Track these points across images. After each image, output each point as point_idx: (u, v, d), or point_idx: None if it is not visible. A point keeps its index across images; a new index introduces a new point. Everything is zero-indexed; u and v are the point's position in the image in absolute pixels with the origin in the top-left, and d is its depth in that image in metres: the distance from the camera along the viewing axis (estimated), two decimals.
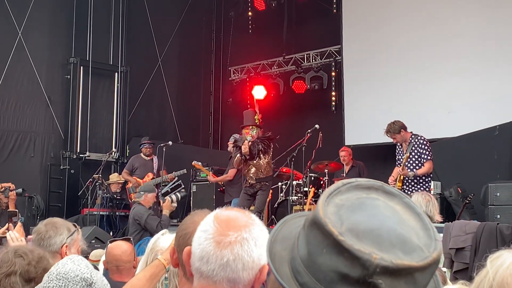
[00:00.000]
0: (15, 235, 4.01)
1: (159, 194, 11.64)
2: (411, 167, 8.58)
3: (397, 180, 8.55)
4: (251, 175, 9.77)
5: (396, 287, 1.08)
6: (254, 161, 9.66)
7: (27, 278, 2.75)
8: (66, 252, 3.45)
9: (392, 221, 1.13)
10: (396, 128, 8.64)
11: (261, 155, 9.66)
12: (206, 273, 1.57)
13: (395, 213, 1.15)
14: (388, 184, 7.96)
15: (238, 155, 9.87)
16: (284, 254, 1.22)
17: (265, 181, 9.75)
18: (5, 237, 4.09)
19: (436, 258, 1.12)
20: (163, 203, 8.77)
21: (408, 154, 8.56)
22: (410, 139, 8.67)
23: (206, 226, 1.61)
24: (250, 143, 9.65)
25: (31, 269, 2.78)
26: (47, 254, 2.94)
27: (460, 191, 9.08)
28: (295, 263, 1.17)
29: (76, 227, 3.68)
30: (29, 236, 4.32)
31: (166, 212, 8.74)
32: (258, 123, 9.87)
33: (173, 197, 7.61)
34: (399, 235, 1.11)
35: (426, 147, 8.58)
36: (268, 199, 10.89)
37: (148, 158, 12.10)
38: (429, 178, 8.73)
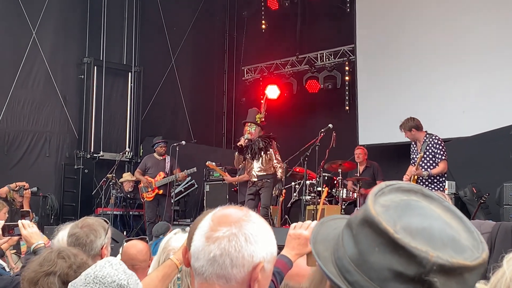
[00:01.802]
0: (27, 222, 4.01)
1: (173, 194, 11.68)
2: (425, 166, 8.51)
3: (411, 179, 8.49)
4: (253, 173, 9.82)
5: (448, 286, 1.09)
6: (255, 160, 9.75)
7: (65, 280, 2.75)
8: (105, 253, 3.46)
9: (440, 222, 1.14)
10: (408, 125, 8.58)
11: (262, 153, 9.73)
12: (198, 270, 1.55)
13: (439, 215, 1.16)
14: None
15: (236, 153, 10.00)
16: (326, 255, 1.23)
17: (267, 178, 9.78)
18: (17, 225, 4.09)
19: (485, 259, 1.13)
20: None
21: (422, 154, 8.50)
22: (425, 138, 8.59)
23: (203, 223, 1.60)
24: (246, 140, 9.78)
25: (71, 273, 2.78)
26: (90, 261, 2.95)
27: (475, 191, 9.04)
28: (342, 262, 1.17)
29: (107, 223, 3.69)
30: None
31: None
32: (259, 122, 9.91)
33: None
34: (449, 235, 1.12)
35: (440, 147, 8.50)
36: (281, 199, 10.90)
37: (161, 157, 12.09)
38: (444, 178, 8.65)
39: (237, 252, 1.52)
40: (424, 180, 8.56)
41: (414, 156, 8.73)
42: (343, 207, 10.46)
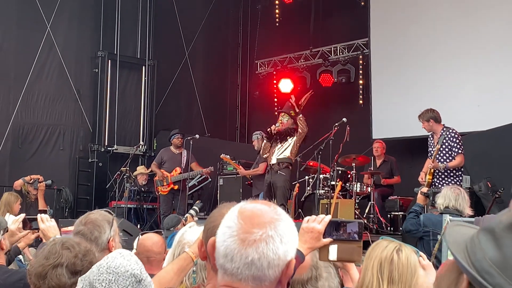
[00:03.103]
0: (45, 216, 4.03)
1: (187, 186, 11.72)
2: (442, 160, 8.50)
3: (427, 173, 8.45)
4: (273, 156, 9.89)
5: None
6: (279, 144, 9.92)
7: (73, 270, 2.78)
8: (112, 245, 3.47)
9: None
10: (427, 116, 8.59)
11: (288, 138, 9.90)
12: (230, 271, 1.55)
13: None
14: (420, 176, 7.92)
15: (265, 140, 10.10)
16: (461, 256, 1.25)
17: (284, 161, 9.83)
18: (36, 219, 4.11)
19: None
20: (185, 221, 8.66)
21: (439, 147, 8.48)
22: (442, 131, 8.58)
23: (230, 222, 1.59)
24: (277, 128, 9.99)
25: (78, 262, 2.81)
26: (94, 248, 2.97)
27: (490, 185, 8.98)
28: (482, 265, 1.18)
29: (112, 214, 3.69)
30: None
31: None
32: (293, 114, 10.02)
33: (192, 212, 7.60)
34: None
35: (457, 141, 8.48)
36: (295, 193, 10.90)
37: (178, 151, 12.09)
38: (460, 172, 8.62)
39: (274, 254, 1.53)
40: (440, 174, 8.53)
41: (431, 149, 8.72)
42: (357, 201, 10.43)
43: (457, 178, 8.53)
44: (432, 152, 8.63)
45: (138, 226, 11.33)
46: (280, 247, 1.54)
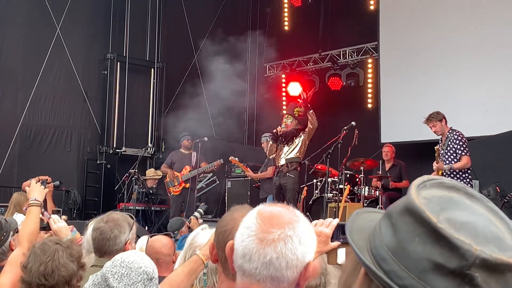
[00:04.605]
0: (56, 217, 4.10)
1: (196, 188, 11.75)
2: (447, 162, 8.56)
3: (436, 175, 8.45)
4: (282, 156, 9.92)
5: (489, 284, 1.06)
6: (287, 146, 10.04)
7: (72, 257, 2.98)
8: (129, 248, 3.50)
9: (484, 219, 1.11)
10: (439, 116, 8.72)
11: (295, 139, 10.01)
12: (248, 271, 1.54)
13: (483, 213, 1.14)
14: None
15: (270, 142, 10.17)
16: (361, 244, 1.21)
17: (294, 161, 9.87)
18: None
19: None
20: (189, 223, 8.68)
21: (438, 147, 8.60)
22: (448, 133, 8.67)
23: (249, 222, 1.58)
24: (282, 130, 10.10)
25: (71, 251, 2.99)
26: (74, 241, 3.20)
27: (499, 190, 8.97)
28: (378, 250, 1.15)
29: (133, 218, 3.71)
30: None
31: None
32: (297, 115, 10.06)
33: (197, 214, 7.58)
34: (493, 232, 1.09)
35: (461, 143, 8.54)
36: (303, 196, 10.90)
37: (187, 152, 12.12)
38: (468, 174, 8.65)
39: (293, 254, 1.53)
40: (447, 176, 8.52)
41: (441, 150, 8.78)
42: (365, 205, 10.42)
43: (465, 180, 8.55)
44: (440, 154, 8.68)
45: (146, 228, 11.35)
46: (298, 247, 1.54)
